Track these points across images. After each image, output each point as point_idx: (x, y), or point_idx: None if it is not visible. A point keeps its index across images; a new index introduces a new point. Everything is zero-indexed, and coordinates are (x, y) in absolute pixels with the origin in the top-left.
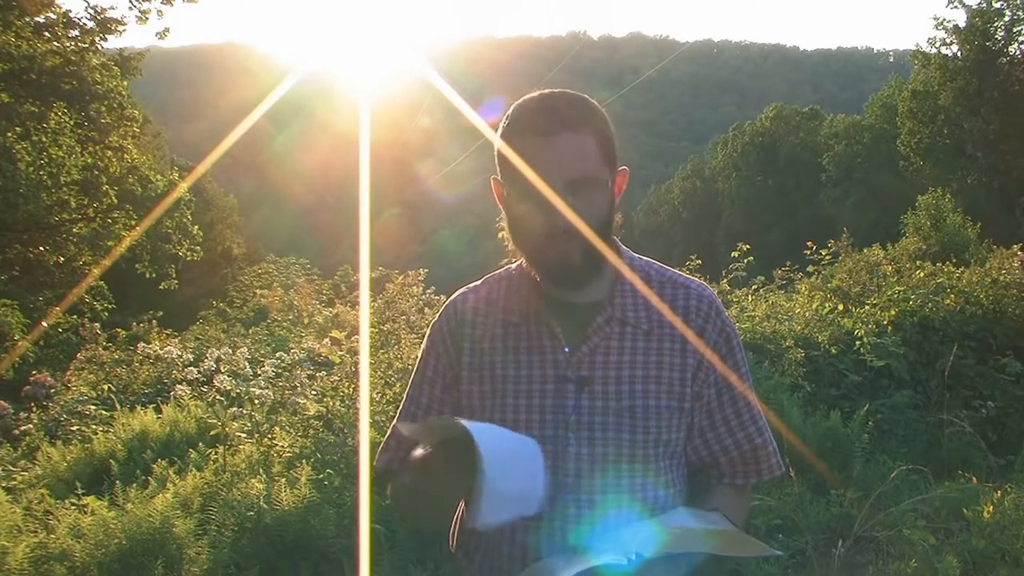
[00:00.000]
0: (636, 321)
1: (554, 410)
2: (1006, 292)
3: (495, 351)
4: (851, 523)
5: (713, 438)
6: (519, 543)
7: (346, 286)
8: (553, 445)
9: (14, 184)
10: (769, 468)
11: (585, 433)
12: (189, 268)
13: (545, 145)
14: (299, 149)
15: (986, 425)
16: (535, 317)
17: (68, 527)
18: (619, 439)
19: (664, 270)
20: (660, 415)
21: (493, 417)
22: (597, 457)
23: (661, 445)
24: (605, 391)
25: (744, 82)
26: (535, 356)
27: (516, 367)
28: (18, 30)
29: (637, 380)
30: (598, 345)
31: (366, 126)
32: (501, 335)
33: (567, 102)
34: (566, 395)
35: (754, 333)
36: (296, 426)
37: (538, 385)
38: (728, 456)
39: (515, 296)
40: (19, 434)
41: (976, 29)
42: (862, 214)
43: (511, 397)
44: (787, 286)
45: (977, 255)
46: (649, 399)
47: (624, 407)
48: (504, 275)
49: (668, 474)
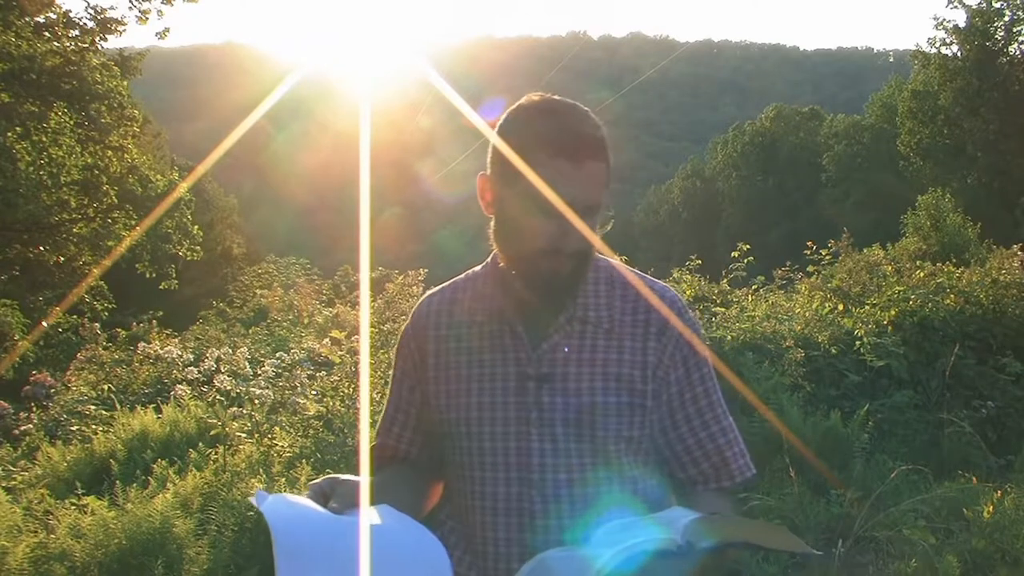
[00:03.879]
0: (597, 320)
1: (516, 407)
2: (1006, 292)
3: (459, 351)
4: (851, 523)
5: (675, 438)
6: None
7: (346, 286)
8: (517, 442)
9: (14, 184)
10: (739, 469)
11: (547, 430)
12: (189, 268)
13: (572, 170)
14: (299, 149)
15: (986, 425)
16: (498, 316)
17: (68, 527)
18: (580, 435)
19: (627, 271)
20: (620, 412)
21: (459, 415)
22: (560, 453)
23: (623, 442)
24: (566, 388)
25: (744, 82)
26: (497, 354)
27: (479, 366)
28: (18, 30)
29: (597, 377)
30: (559, 343)
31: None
32: (466, 335)
33: (591, 127)
34: (527, 392)
35: (754, 333)
36: (296, 426)
37: (500, 383)
38: (692, 456)
39: (480, 296)
40: (19, 434)
41: (976, 29)
42: (862, 214)
43: (475, 395)
44: (787, 286)
45: (977, 255)
46: (609, 395)
47: (584, 403)
48: (471, 276)
49: (632, 470)
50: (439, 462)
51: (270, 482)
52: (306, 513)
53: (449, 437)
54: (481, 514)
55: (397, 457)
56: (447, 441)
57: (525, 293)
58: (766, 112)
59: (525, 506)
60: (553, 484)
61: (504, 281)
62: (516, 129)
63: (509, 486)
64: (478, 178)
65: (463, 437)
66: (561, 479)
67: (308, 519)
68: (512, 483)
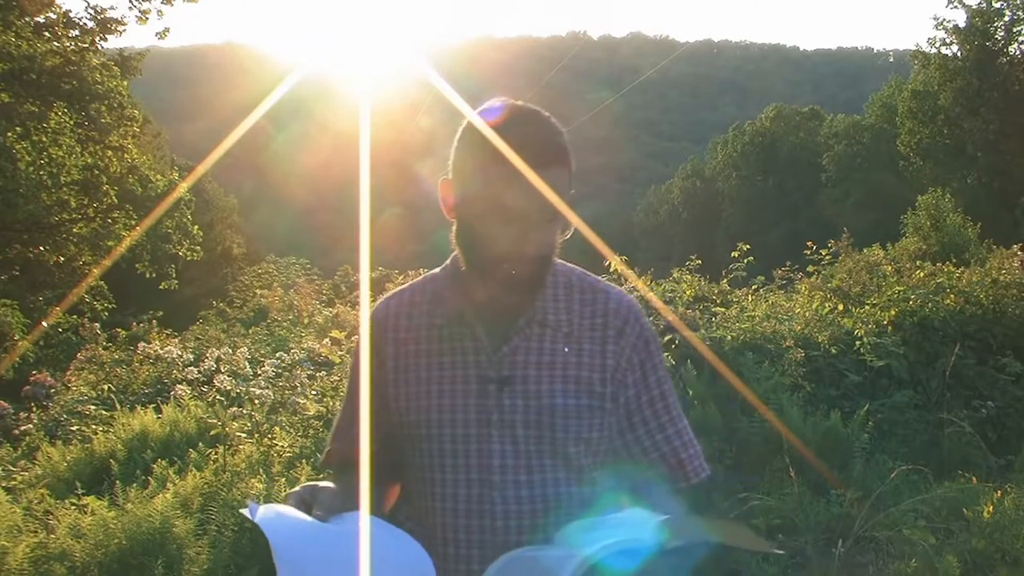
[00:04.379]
0: (556, 323)
1: (477, 410)
2: (1006, 292)
3: (419, 354)
4: (851, 523)
5: (632, 440)
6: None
7: (346, 286)
8: (478, 444)
9: (14, 184)
10: (695, 471)
11: (508, 431)
12: (189, 268)
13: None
14: (299, 149)
15: (986, 425)
16: (458, 319)
17: (68, 527)
18: (540, 436)
19: (585, 275)
20: (580, 414)
21: (419, 418)
22: (521, 454)
23: (582, 443)
24: (525, 390)
25: (744, 82)
26: (458, 357)
27: (440, 368)
28: (18, 30)
29: (556, 380)
30: (519, 346)
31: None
32: (425, 337)
33: (552, 133)
34: (488, 395)
35: (754, 333)
36: (296, 426)
37: (461, 385)
38: (648, 457)
39: (439, 299)
40: (19, 434)
41: (976, 29)
42: (862, 214)
43: (435, 398)
44: (787, 286)
45: (977, 255)
46: (568, 398)
47: (544, 405)
48: (429, 279)
49: (592, 471)
50: (396, 465)
51: (270, 482)
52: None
53: (409, 440)
54: (442, 515)
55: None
56: (407, 444)
57: (484, 296)
58: (766, 112)
59: (486, 507)
60: (514, 485)
61: (464, 284)
62: (477, 136)
63: (470, 487)
64: (440, 183)
65: (424, 439)
66: (521, 480)
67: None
68: (473, 484)
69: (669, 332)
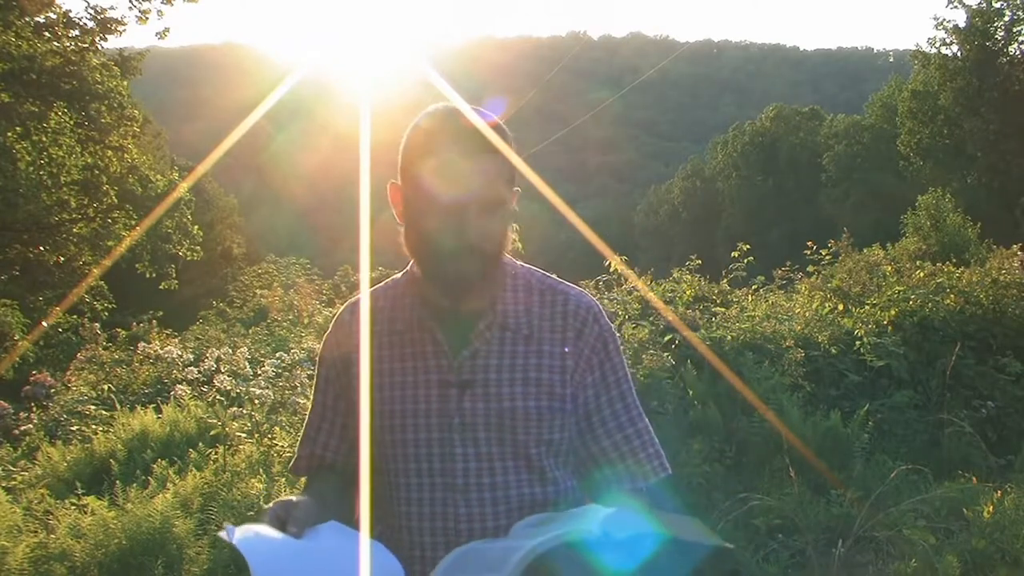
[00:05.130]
0: (516, 326)
1: (439, 414)
2: (1006, 292)
3: (381, 359)
4: (851, 523)
5: (591, 439)
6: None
7: (346, 286)
8: (440, 448)
9: (14, 184)
10: (654, 470)
11: (470, 435)
12: (189, 268)
13: (463, 163)
14: (299, 149)
15: (986, 425)
16: (418, 324)
17: (68, 527)
18: (501, 439)
19: (545, 277)
20: (541, 416)
21: (382, 423)
22: (483, 457)
23: (543, 445)
24: (487, 393)
25: (744, 82)
26: (419, 362)
27: (402, 374)
28: (18, 30)
29: (517, 383)
30: (479, 350)
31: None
32: (387, 343)
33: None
34: (449, 399)
35: (754, 333)
36: (296, 426)
37: (423, 390)
38: (607, 457)
39: (399, 304)
40: (19, 434)
41: (976, 29)
42: (862, 214)
43: (398, 403)
44: (787, 286)
45: (977, 255)
46: (529, 400)
47: (505, 408)
48: (390, 285)
49: (554, 472)
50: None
51: (270, 482)
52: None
53: (374, 445)
54: (407, 519)
55: (324, 466)
56: (372, 449)
57: (442, 300)
58: (766, 112)
59: (450, 511)
60: (477, 488)
61: (422, 289)
62: (413, 133)
63: (434, 491)
64: (389, 187)
65: (387, 445)
66: (484, 483)
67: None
68: (437, 488)
69: (669, 332)
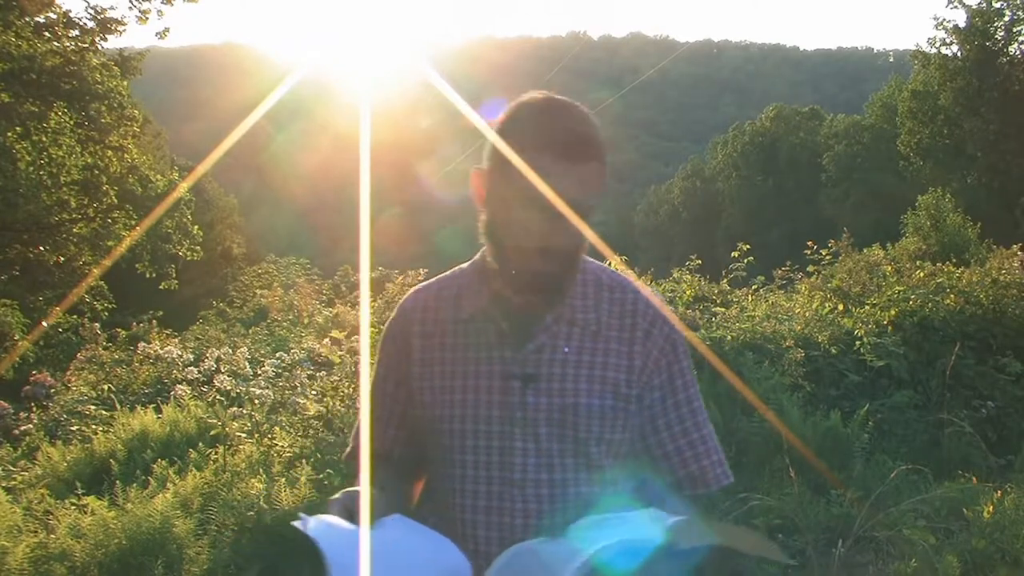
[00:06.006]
0: (584, 322)
1: (501, 406)
2: (1006, 292)
3: (444, 348)
4: (851, 523)
5: (655, 443)
6: (470, 536)
7: (346, 286)
8: (500, 441)
9: (14, 184)
10: (716, 478)
11: (531, 430)
12: (189, 268)
13: (571, 171)
14: (299, 149)
15: (986, 425)
16: (484, 314)
17: (68, 527)
18: (563, 435)
19: (615, 274)
20: (604, 415)
21: (443, 413)
22: (543, 453)
23: (604, 444)
24: (550, 388)
25: (744, 82)
26: (483, 353)
27: (464, 364)
28: (18, 30)
29: (582, 379)
30: (545, 343)
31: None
32: (451, 332)
33: (590, 127)
34: (512, 392)
35: (754, 333)
36: (296, 426)
37: (485, 381)
38: (670, 462)
39: (466, 293)
40: (19, 434)
41: (976, 29)
42: (862, 214)
43: (459, 393)
44: (787, 286)
45: (977, 255)
46: (593, 398)
47: (568, 404)
48: (457, 273)
49: (613, 473)
50: (421, 460)
51: (270, 482)
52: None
53: (432, 435)
54: (462, 511)
55: (381, 456)
56: (431, 439)
57: (512, 291)
58: (766, 112)
59: (506, 505)
60: (534, 484)
61: (491, 279)
62: (515, 126)
63: (491, 484)
64: (472, 173)
65: (446, 435)
66: (543, 479)
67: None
68: (494, 482)
69: None
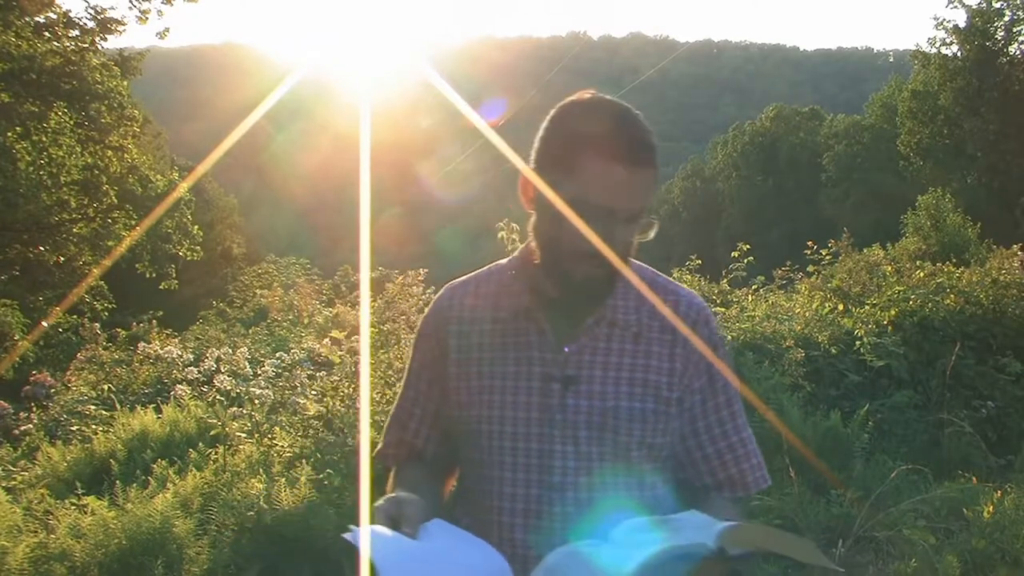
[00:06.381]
0: (625, 324)
1: (540, 408)
2: (1006, 292)
3: (483, 347)
4: (851, 523)
5: (695, 446)
6: (507, 540)
7: (346, 286)
8: (539, 444)
9: (14, 184)
10: (755, 481)
11: (571, 432)
12: (189, 268)
13: (628, 177)
14: (299, 149)
15: (986, 425)
16: (524, 314)
17: (68, 527)
18: (603, 439)
19: (656, 276)
20: (645, 418)
21: (480, 414)
22: (582, 456)
23: (645, 448)
24: (591, 391)
25: (744, 82)
26: (522, 353)
27: (503, 364)
28: (18, 30)
29: (623, 382)
30: (586, 345)
31: (366, 126)
32: (489, 331)
33: (645, 132)
34: (552, 394)
35: (754, 333)
36: (296, 426)
37: (524, 382)
38: (710, 465)
39: (506, 292)
40: (19, 434)
41: (976, 29)
42: (862, 214)
43: (497, 394)
44: (787, 286)
45: (977, 255)
46: (635, 401)
47: (609, 408)
48: (495, 270)
49: (652, 476)
50: (452, 458)
51: (270, 482)
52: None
53: (468, 435)
54: (499, 514)
55: (413, 454)
56: (466, 439)
57: (556, 293)
58: (766, 112)
59: (545, 508)
60: (573, 488)
61: (533, 279)
62: (568, 128)
63: (529, 487)
64: (521, 174)
65: (483, 436)
66: (581, 483)
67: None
68: (532, 485)
69: None
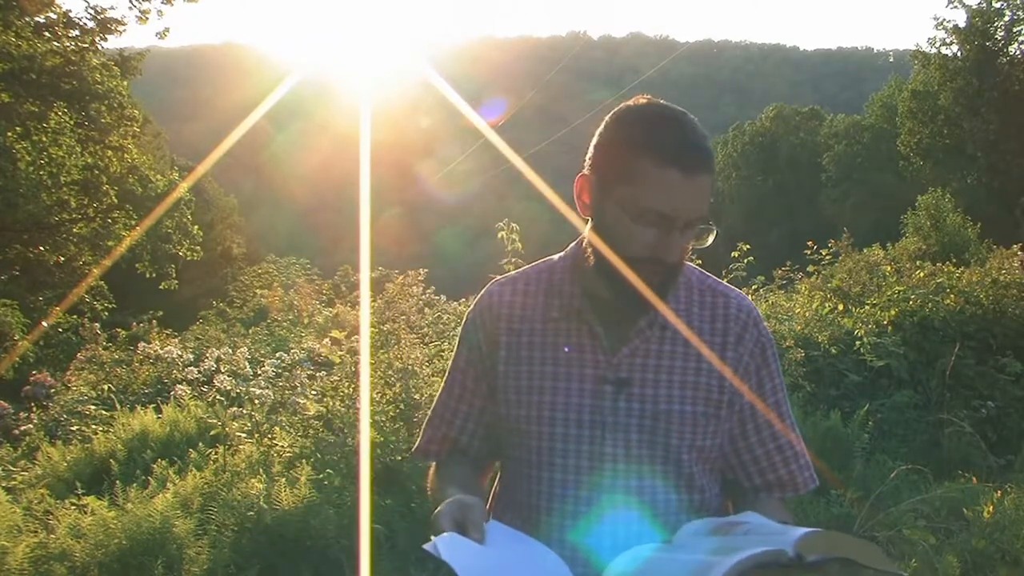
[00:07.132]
0: (676, 326)
1: (591, 410)
2: (1006, 292)
3: (533, 346)
4: (851, 523)
5: (744, 447)
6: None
7: (346, 286)
8: (590, 445)
9: (14, 184)
10: (804, 482)
11: (621, 435)
12: (189, 268)
13: (685, 183)
14: (299, 149)
15: (986, 425)
16: (577, 315)
17: (68, 527)
18: (654, 442)
19: (705, 277)
20: (696, 421)
21: (530, 414)
22: (632, 459)
23: (695, 450)
24: (643, 394)
25: (744, 82)
26: (574, 354)
27: (555, 364)
28: (18, 30)
29: (675, 385)
30: (638, 348)
31: (366, 126)
32: (540, 331)
33: (702, 138)
34: (604, 396)
35: None
36: (296, 426)
37: (576, 384)
38: (759, 466)
39: (556, 291)
40: (19, 434)
41: (976, 29)
42: (862, 214)
43: (548, 395)
44: (787, 286)
45: (977, 255)
46: (686, 404)
47: (660, 411)
48: (544, 268)
49: (701, 479)
50: (494, 454)
51: (270, 482)
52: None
53: (516, 434)
54: (548, 515)
55: (457, 449)
56: (513, 438)
57: (610, 296)
58: (766, 112)
59: (594, 510)
60: (624, 490)
61: (586, 279)
62: (625, 133)
63: (579, 489)
64: (577, 178)
65: (532, 436)
66: (632, 486)
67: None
68: (583, 486)
69: None
